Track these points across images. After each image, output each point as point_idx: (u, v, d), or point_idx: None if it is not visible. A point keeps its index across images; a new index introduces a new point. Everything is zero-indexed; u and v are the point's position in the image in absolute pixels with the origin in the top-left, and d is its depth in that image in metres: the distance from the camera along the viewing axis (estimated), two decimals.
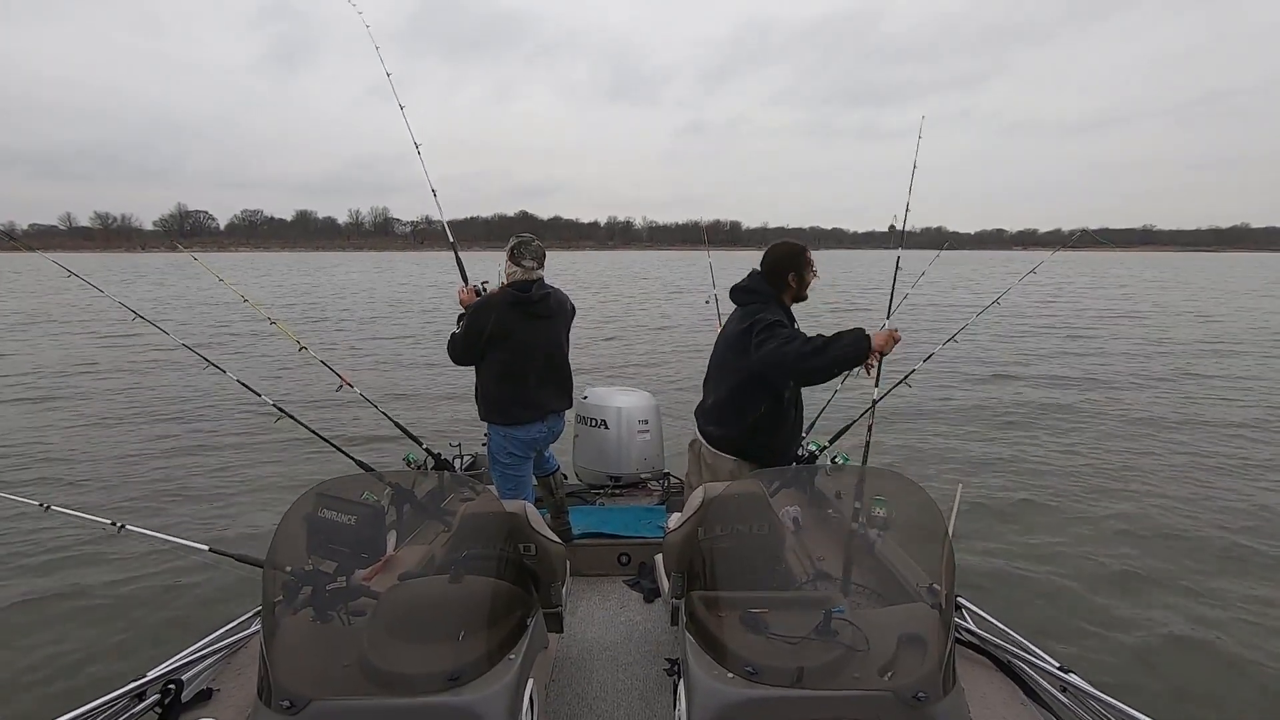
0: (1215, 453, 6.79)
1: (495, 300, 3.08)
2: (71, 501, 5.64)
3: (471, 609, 1.77)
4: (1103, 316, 20.07)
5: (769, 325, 2.52)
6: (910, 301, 4.26)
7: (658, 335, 16.68)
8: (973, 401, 9.18)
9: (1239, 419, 8.10)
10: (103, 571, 4.53)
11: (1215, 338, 15.47)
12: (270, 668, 1.51)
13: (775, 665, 1.52)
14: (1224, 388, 9.94)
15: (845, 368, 2.52)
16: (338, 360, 10.31)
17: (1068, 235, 6.31)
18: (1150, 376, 10.73)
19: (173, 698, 1.83)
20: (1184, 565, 4.45)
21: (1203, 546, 4.72)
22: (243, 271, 51.99)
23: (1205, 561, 4.50)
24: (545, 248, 3.20)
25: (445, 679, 1.51)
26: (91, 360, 13.11)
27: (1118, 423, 8.02)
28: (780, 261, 2.70)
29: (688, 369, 11.38)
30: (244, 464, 6.82)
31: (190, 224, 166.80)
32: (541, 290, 3.10)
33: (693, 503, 2.30)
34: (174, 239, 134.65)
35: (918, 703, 1.43)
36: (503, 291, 3.10)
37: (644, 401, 4.18)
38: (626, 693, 2.47)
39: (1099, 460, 6.63)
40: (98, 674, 3.45)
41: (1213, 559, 4.53)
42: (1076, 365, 11.82)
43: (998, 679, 2.03)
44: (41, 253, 4.20)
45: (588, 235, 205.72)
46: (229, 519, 5.42)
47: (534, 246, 3.12)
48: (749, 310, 2.66)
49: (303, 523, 1.81)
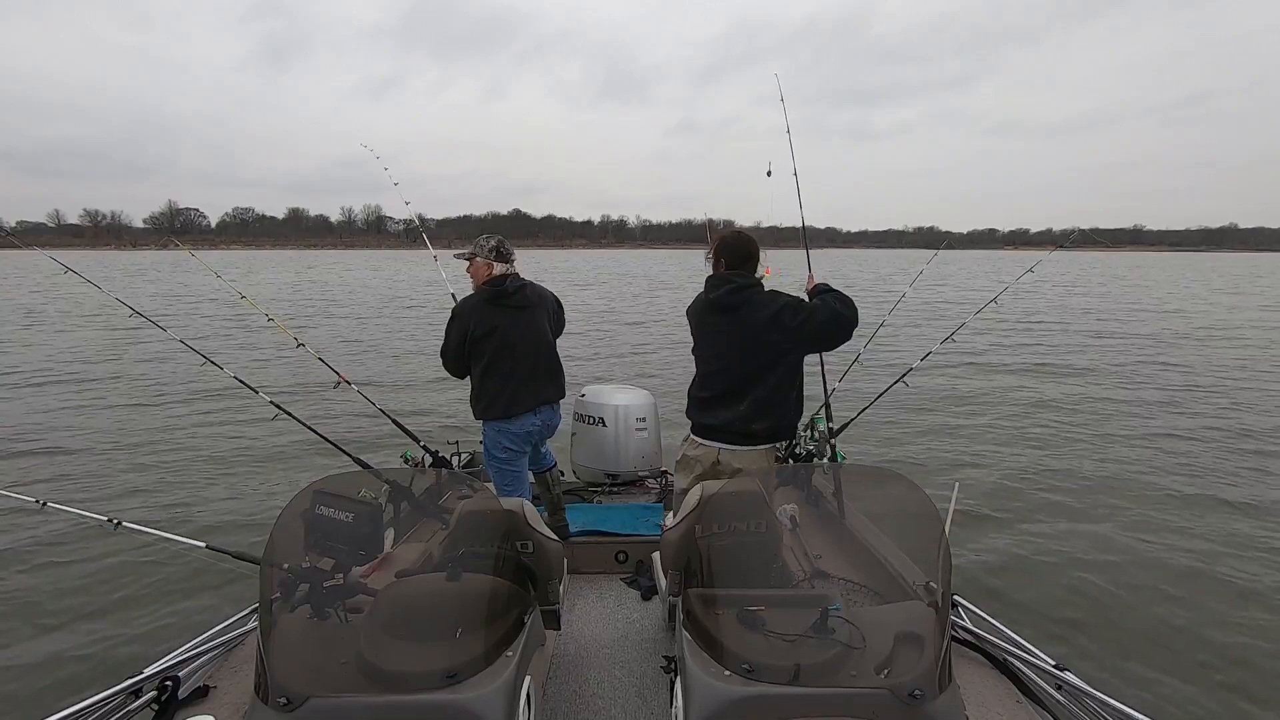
0: (1215, 451, 6.82)
1: (472, 301, 3.12)
2: (67, 498, 5.63)
3: (469, 606, 1.77)
4: (1097, 315, 20.12)
5: (797, 302, 2.58)
6: (906, 301, 4.27)
7: (652, 332, 16.70)
8: (972, 400, 9.21)
9: (1240, 417, 8.13)
10: (98, 569, 4.52)
11: (1221, 336, 15.51)
12: (267, 665, 1.51)
13: (772, 663, 1.52)
14: (1226, 386, 9.97)
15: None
16: (334, 357, 10.30)
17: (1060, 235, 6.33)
18: (1151, 376, 10.76)
19: (169, 694, 1.83)
20: (1181, 564, 4.47)
21: (1200, 545, 4.74)
22: (238, 270, 51.89)
23: (1202, 560, 4.51)
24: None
25: (442, 676, 1.51)
26: (85, 357, 13.07)
27: (1116, 420, 8.04)
28: (751, 248, 2.71)
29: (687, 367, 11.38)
30: (240, 461, 6.81)
31: (181, 222, 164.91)
32: (517, 283, 3.12)
33: (690, 501, 2.30)
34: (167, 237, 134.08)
35: (914, 700, 1.43)
36: (478, 291, 3.12)
37: (642, 400, 4.18)
38: (624, 690, 2.47)
39: (1098, 458, 6.65)
40: (94, 671, 3.45)
41: (1210, 557, 4.55)
42: (1075, 363, 11.85)
43: (994, 677, 2.03)
44: (41, 250, 4.19)
45: (581, 234, 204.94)
46: (225, 516, 5.41)
47: (506, 244, 3.18)
48: (760, 296, 2.62)
49: (300, 520, 1.81)
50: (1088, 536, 4.91)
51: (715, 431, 2.70)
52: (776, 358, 2.61)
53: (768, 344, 2.59)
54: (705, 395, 2.75)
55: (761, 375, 2.62)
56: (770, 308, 2.57)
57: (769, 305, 2.58)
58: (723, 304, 2.64)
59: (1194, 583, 4.23)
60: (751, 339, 2.61)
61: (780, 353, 2.61)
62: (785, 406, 2.68)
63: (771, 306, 2.57)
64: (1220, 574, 4.31)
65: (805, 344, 2.60)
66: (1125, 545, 4.76)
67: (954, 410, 8.69)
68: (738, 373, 2.65)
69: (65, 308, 21.47)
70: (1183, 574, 4.33)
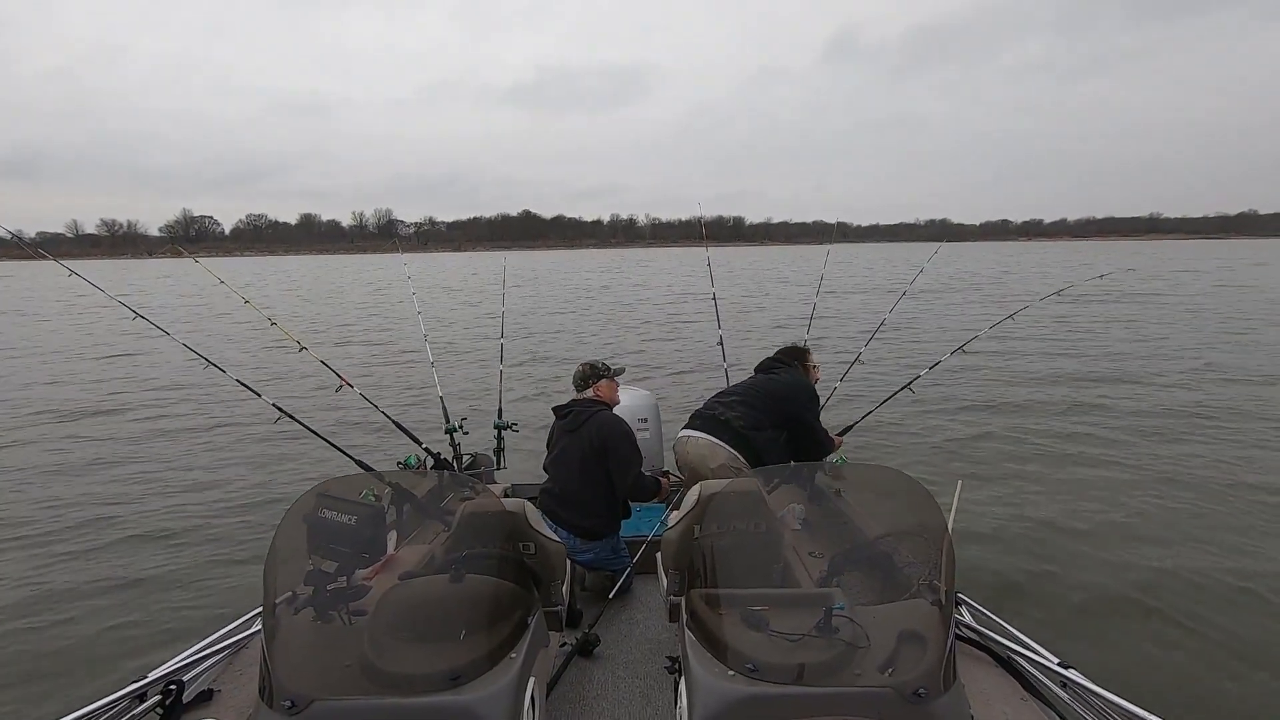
0: (1215, 450, 6.80)
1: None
2: (67, 499, 5.65)
3: (472, 608, 1.77)
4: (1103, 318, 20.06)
5: (818, 417, 3.50)
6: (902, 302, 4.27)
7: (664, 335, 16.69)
8: (971, 399, 9.19)
9: (1245, 414, 8.10)
10: (103, 572, 4.53)
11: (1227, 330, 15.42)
12: (271, 668, 1.51)
13: (776, 662, 1.52)
14: (1235, 381, 9.92)
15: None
16: (337, 361, 10.30)
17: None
18: (1154, 374, 10.73)
19: (174, 698, 1.83)
20: (1185, 561, 4.45)
21: (1205, 542, 4.72)
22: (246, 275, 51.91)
23: (1207, 557, 4.50)
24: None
25: (446, 678, 1.51)
26: (89, 359, 13.11)
27: (1119, 418, 8.02)
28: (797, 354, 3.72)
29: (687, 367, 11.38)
30: (243, 464, 6.81)
31: (196, 229, 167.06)
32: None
33: (689, 501, 2.30)
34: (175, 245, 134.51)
35: (918, 699, 1.43)
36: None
37: (643, 400, 4.18)
38: (628, 690, 2.47)
39: (1101, 455, 6.63)
40: (98, 675, 3.45)
41: (1214, 555, 4.53)
42: (1076, 362, 11.82)
43: (998, 675, 2.03)
44: (59, 260, 4.20)
45: (590, 233, 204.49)
46: (228, 519, 5.42)
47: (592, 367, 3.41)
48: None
49: (303, 523, 1.81)
50: (1091, 533, 4.89)
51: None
52: (774, 409, 3.48)
53: (782, 400, 3.52)
54: None
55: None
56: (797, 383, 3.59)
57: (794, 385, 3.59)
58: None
59: (1200, 580, 4.21)
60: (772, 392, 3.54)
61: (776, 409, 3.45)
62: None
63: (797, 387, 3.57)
64: (1227, 571, 4.29)
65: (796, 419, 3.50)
66: (1129, 542, 4.74)
67: (956, 407, 8.67)
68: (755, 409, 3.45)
69: (75, 312, 21.52)
70: (1188, 572, 4.31)
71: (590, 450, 3.08)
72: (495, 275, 44.61)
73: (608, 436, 3.09)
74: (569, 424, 3.18)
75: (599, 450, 3.08)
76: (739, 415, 3.30)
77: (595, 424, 3.12)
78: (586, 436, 3.10)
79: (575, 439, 3.13)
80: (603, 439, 3.08)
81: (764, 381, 3.53)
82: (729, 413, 3.32)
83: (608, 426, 3.12)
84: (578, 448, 3.11)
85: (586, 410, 3.17)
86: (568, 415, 3.21)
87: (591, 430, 3.11)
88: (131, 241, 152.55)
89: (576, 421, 3.15)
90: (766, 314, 20.21)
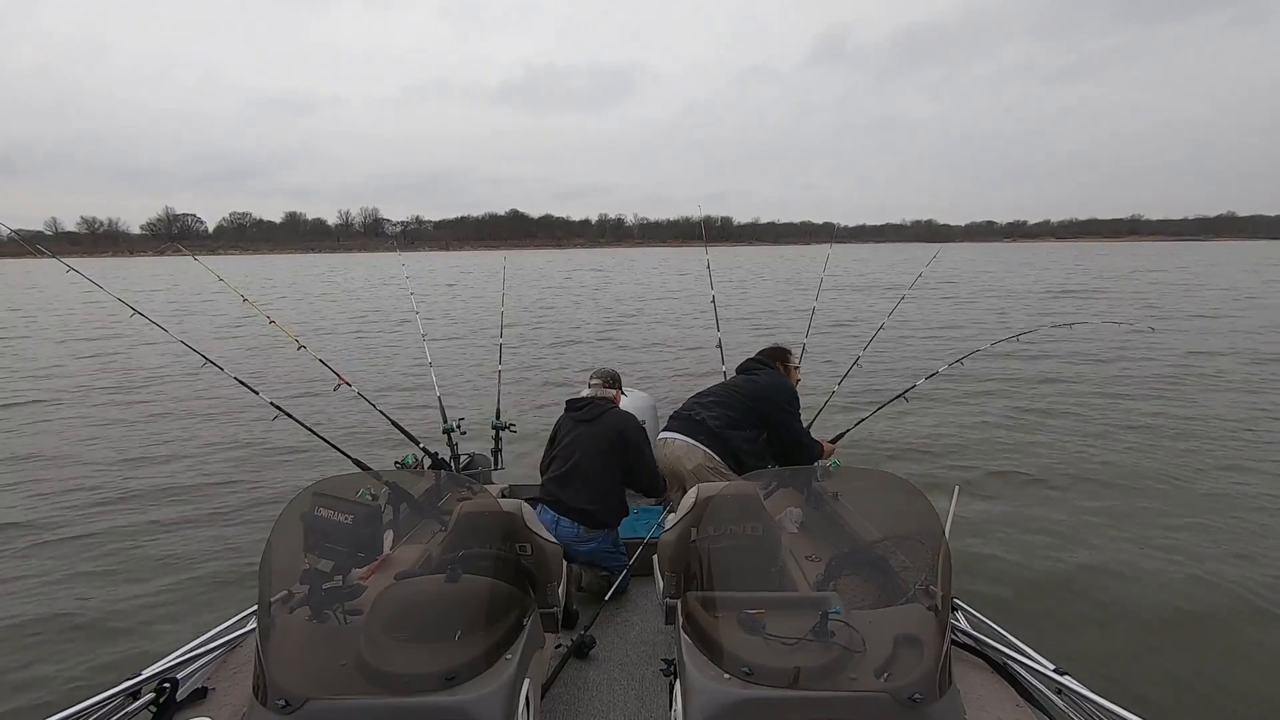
0: (1216, 453, 6.80)
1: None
2: (63, 497, 5.63)
3: (468, 609, 1.77)
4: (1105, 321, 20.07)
5: (797, 417, 3.55)
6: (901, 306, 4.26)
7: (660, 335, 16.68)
8: (971, 401, 9.19)
9: (1244, 417, 8.11)
10: (96, 569, 4.51)
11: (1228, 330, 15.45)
12: (266, 667, 1.51)
13: (772, 666, 1.52)
14: (1233, 384, 9.93)
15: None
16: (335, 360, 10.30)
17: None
18: (1151, 378, 10.74)
19: (168, 696, 1.83)
20: (1183, 569, 4.45)
21: (1202, 549, 4.72)
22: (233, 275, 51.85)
23: (1204, 564, 4.50)
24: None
25: (442, 679, 1.51)
26: (85, 356, 13.08)
27: (1116, 424, 8.02)
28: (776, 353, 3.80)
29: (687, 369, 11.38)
30: (240, 462, 6.80)
31: (178, 227, 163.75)
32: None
33: (686, 503, 2.30)
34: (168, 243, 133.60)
35: (913, 704, 1.43)
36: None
37: (641, 402, 4.17)
38: (623, 692, 2.47)
39: (1099, 462, 6.63)
40: (92, 672, 3.44)
41: (1212, 562, 4.53)
42: (1074, 366, 11.82)
43: (993, 680, 2.03)
44: (60, 259, 4.19)
45: (579, 233, 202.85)
46: (224, 517, 5.40)
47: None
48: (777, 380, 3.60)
49: (299, 521, 1.81)
50: (1089, 540, 4.89)
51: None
52: (750, 410, 3.56)
53: (760, 399, 3.59)
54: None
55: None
56: (773, 385, 3.62)
57: (773, 385, 3.65)
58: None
59: (1196, 588, 4.21)
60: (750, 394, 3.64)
61: (753, 410, 3.54)
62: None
63: (775, 389, 3.62)
64: (1224, 579, 4.30)
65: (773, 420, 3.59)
66: (1126, 549, 4.74)
67: (955, 411, 8.67)
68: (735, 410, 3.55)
69: (65, 310, 21.49)
70: (1185, 579, 4.32)
71: (610, 441, 3.19)
72: (491, 275, 44.67)
73: (629, 430, 3.21)
74: (585, 414, 3.26)
75: (620, 442, 3.19)
76: (715, 415, 3.37)
77: (614, 417, 3.24)
78: (606, 428, 3.20)
79: (592, 429, 3.22)
80: (624, 432, 3.20)
81: (742, 382, 3.58)
82: (705, 413, 3.39)
83: (628, 421, 3.25)
84: (596, 437, 3.21)
85: (604, 405, 3.28)
86: (583, 407, 3.29)
87: (610, 422, 3.22)
88: (112, 239, 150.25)
89: (594, 412, 3.25)
90: (766, 315, 20.23)
